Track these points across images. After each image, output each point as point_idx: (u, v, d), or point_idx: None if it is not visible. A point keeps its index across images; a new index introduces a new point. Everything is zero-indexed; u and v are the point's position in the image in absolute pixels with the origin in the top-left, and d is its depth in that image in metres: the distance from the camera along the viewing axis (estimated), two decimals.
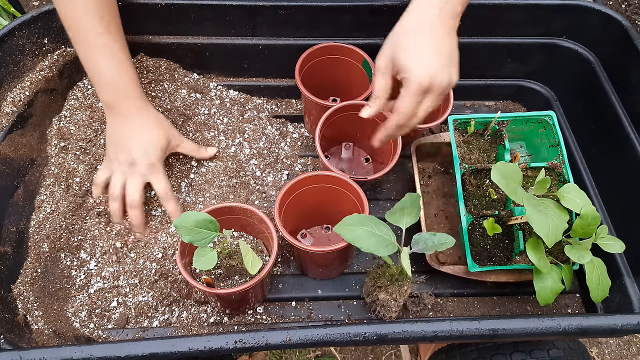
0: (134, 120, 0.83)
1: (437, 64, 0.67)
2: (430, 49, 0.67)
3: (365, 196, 0.78)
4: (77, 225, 0.87)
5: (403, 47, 0.68)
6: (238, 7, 0.94)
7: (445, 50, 0.68)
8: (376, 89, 0.71)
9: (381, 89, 0.71)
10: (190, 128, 0.97)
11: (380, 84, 0.71)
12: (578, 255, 0.71)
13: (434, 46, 0.67)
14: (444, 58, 0.68)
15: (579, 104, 1.02)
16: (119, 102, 0.82)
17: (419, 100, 0.68)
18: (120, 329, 0.80)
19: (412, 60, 0.67)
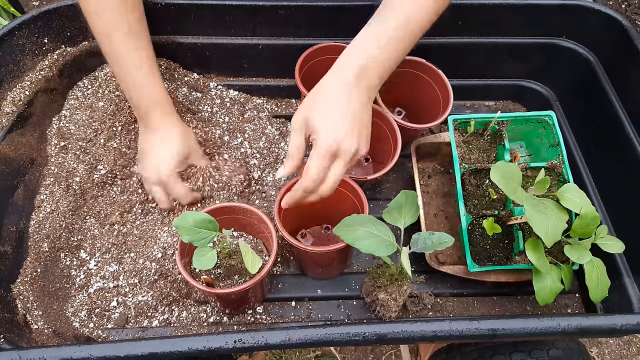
0: (155, 135, 0.84)
1: (345, 130, 0.65)
2: (341, 114, 0.66)
3: (365, 196, 0.78)
4: (77, 225, 0.87)
5: (316, 109, 0.67)
6: (238, 7, 0.94)
7: (356, 119, 0.66)
8: (290, 148, 0.70)
9: (295, 148, 0.69)
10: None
11: (294, 143, 0.69)
12: (577, 255, 0.71)
13: (345, 112, 0.66)
14: (354, 126, 0.66)
15: (579, 104, 1.02)
16: (145, 115, 0.84)
17: (327, 165, 0.66)
18: (120, 328, 0.80)
19: (322, 122, 0.66)
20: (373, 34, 0.70)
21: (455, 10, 0.97)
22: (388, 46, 0.69)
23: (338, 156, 0.66)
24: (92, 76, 0.99)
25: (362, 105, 0.67)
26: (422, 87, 0.97)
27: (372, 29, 0.70)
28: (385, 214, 0.74)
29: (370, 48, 0.69)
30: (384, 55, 0.69)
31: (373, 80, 0.69)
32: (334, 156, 0.66)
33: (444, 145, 0.97)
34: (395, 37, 0.69)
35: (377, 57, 0.68)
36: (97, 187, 0.90)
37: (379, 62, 0.69)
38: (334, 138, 0.65)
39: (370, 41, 0.69)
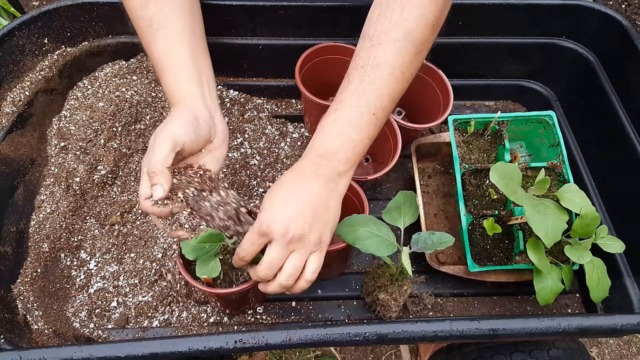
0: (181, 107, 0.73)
1: (282, 212, 0.61)
2: (287, 196, 0.62)
3: (366, 196, 0.78)
4: (77, 225, 0.87)
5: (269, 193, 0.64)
6: (238, 7, 0.94)
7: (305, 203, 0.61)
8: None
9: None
10: None
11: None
12: (578, 255, 0.71)
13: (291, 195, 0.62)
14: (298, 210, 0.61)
15: (579, 104, 1.02)
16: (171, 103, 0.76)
17: (255, 242, 0.62)
18: (120, 329, 0.80)
19: (267, 203, 0.63)
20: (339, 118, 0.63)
21: (455, 10, 0.97)
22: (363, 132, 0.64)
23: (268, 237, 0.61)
24: (92, 76, 0.99)
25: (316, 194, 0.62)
26: (422, 87, 0.97)
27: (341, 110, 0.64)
28: (384, 214, 0.74)
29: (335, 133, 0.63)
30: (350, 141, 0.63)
31: (336, 168, 0.63)
32: (263, 235, 0.61)
33: (444, 145, 0.97)
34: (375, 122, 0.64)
35: (341, 145, 0.63)
36: (97, 188, 0.90)
37: (345, 148, 0.63)
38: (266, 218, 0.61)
39: (337, 126, 0.63)
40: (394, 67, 0.63)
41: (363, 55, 0.65)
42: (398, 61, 0.63)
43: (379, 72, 0.63)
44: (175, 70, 0.73)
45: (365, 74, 0.64)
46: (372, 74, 0.63)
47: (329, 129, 0.64)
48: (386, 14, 0.64)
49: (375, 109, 0.64)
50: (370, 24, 0.66)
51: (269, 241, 0.62)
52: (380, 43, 0.64)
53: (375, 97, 0.63)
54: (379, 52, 0.64)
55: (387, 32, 0.64)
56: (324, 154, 0.63)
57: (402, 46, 0.63)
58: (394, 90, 0.64)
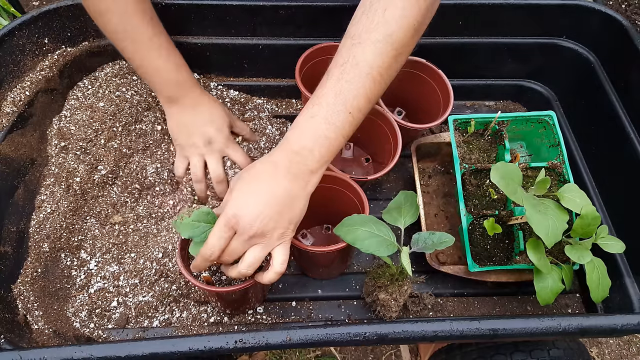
0: (198, 108, 0.87)
1: (250, 207, 0.61)
2: (256, 190, 0.63)
3: (366, 196, 0.78)
4: (77, 225, 0.87)
5: (237, 183, 0.65)
6: (238, 7, 0.94)
7: (272, 199, 0.62)
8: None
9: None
10: None
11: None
12: (578, 255, 0.71)
13: (260, 190, 0.63)
14: (265, 206, 0.62)
15: (579, 104, 1.02)
16: (181, 95, 0.86)
17: (223, 235, 0.63)
18: (121, 329, 0.80)
19: (234, 193, 0.64)
20: (315, 115, 0.64)
21: (455, 10, 0.97)
22: (338, 130, 0.64)
23: (236, 229, 0.62)
24: (92, 76, 0.99)
25: (284, 190, 0.63)
26: (423, 87, 0.97)
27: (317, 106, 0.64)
28: (384, 214, 0.74)
29: (311, 131, 0.64)
30: (325, 139, 0.64)
31: (309, 165, 0.64)
32: (232, 229, 0.62)
33: (444, 145, 0.97)
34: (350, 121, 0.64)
35: (316, 142, 0.63)
36: (98, 188, 0.90)
37: (319, 146, 0.64)
38: (233, 211, 0.62)
39: (313, 123, 0.64)
40: (372, 67, 0.63)
41: (344, 54, 0.65)
42: (377, 62, 0.64)
43: (358, 72, 0.63)
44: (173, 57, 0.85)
45: (344, 72, 0.64)
46: (351, 73, 0.64)
47: (305, 125, 0.64)
48: (369, 14, 0.64)
49: (351, 108, 0.64)
50: (353, 23, 0.67)
51: (234, 232, 0.63)
52: (360, 43, 0.64)
53: (352, 97, 0.63)
54: (359, 51, 0.64)
55: (368, 32, 0.64)
56: (298, 150, 0.63)
57: (382, 47, 0.63)
58: (371, 91, 0.64)
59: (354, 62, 0.64)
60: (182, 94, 0.86)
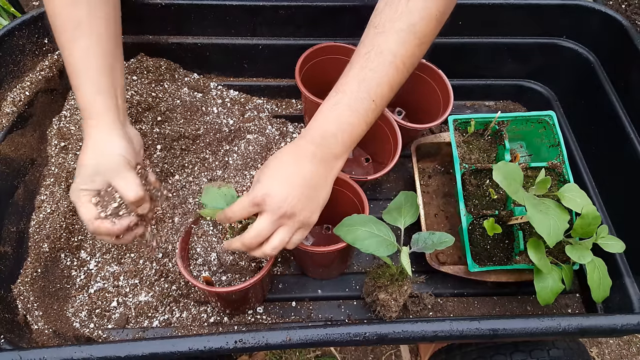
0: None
1: (280, 188, 0.62)
2: (285, 172, 0.64)
3: (365, 196, 0.78)
4: (77, 225, 0.87)
5: (266, 165, 0.66)
6: (238, 7, 0.94)
7: (301, 182, 0.63)
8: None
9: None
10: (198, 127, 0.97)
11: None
12: (579, 255, 0.71)
13: (289, 172, 0.63)
14: (294, 188, 0.62)
15: (579, 104, 1.02)
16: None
17: (248, 211, 0.64)
18: (120, 329, 0.80)
19: (264, 175, 0.64)
20: (340, 102, 0.65)
21: (455, 10, 0.97)
22: (353, 117, 0.65)
23: (262, 208, 0.63)
24: None
25: (312, 173, 0.64)
26: (423, 87, 0.97)
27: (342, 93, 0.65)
28: (385, 215, 0.74)
29: (335, 116, 0.65)
30: (349, 125, 0.65)
31: (334, 150, 0.65)
32: (257, 205, 0.63)
33: (444, 145, 0.97)
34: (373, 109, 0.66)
35: (340, 128, 0.65)
36: None
37: (344, 132, 0.65)
38: (262, 191, 0.62)
39: (337, 110, 0.65)
40: (396, 56, 0.65)
41: (367, 43, 0.66)
42: (400, 51, 0.65)
43: (381, 60, 0.65)
44: (94, 79, 0.70)
45: (368, 60, 0.65)
46: (374, 61, 0.65)
47: (328, 112, 0.66)
48: (392, 4, 0.66)
49: (375, 96, 0.65)
50: (376, 14, 0.68)
51: (260, 212, 0.63)
52: (384, 32, 0.65)
53: (375, 84, 0.65)
54: (382, 40, 0.65)
55: (391, 21, 0.65)
56: (322, 135, 0.65)
57: (405, 37, 0.65)
58: (394, 79, 0.66)
59: (377, 50, 0.65)
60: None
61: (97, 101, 0.70)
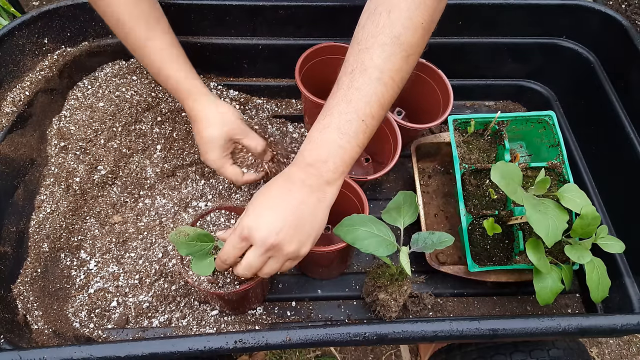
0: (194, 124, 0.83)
1: (266, 221, 0.60)
2: (272, 204, 0.62)
3: (365, 196, 0.78)
4: (77, 225, 0.87)
5: (254, 198, 0.64)
6: (238, 7, 0.94)
7: (289, 213, 0.61)
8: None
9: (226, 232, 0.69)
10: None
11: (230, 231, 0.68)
12: (578, 255, 0.71)
13: (276, 204, 0.62)
14: (281, 220, 0.60)
15: (579, 104, 1.02)
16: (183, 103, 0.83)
17: (238, 247, 0.62)
18: (120, 329, 0.80)
19: (251, 207, 0.63)
20: (327, 126, 0.63)
21: (455, 10, 0.97)
22: (352, 139, 0.62)
23: (250, 241, 0.61)
24: (92, 76, 0.99)
25: (301, 203, 0.61)
26: (422, 87, 0.97)
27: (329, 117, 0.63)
28: (384, 215, 0.74)
29: (324, 142, 0.63)
30: (340, 148, 0.62)
31: (325, 176, 0.62)
32: (244, 239, 0.61)
33: (444, 145, 0.97)
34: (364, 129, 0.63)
35: (329, 153, 0.62)
36: (97, 188, 0.90)
37: (334, 157, 0.62)
38: (248, 223, 0.61)
39: (326, 135, 0.63)
40: (383, 72, 0.62)
41: (352, 61, 0.64)
42: (387, 66, 0.62)
43: (367, 78, 0.62)
44: (184, 66, 0.83)
45: (353, 79, 0.62)
46: (360, 80, 0.62)
47: (317, 137, 0.63)
48: (373, 18, 0.63)
49: (364, 116, 0.62)
50: (358, 29, 0.65)
51: (249, 245, 0.62)
52: (368, 48, 0.62)
53: (364, 104, 0.62)
54: (367, 57, 0.62)
55: (374, 36, 0.62)
56: (312, 162, 0.62)
57: (390, 50, 0.62)
58: (383, 96, 0.63)
59: (362, 68, 0.62)
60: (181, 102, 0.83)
61: (196, 84, 0.82)
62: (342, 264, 0.88)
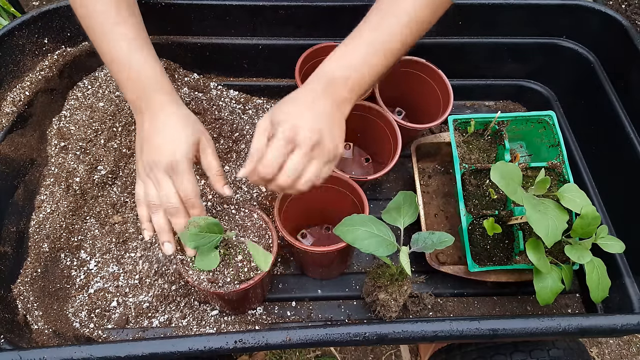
0: (156, 121, 0.72)
1: (306, 120, 0.63)
2: (304, 107, 0.65)
3: (365, 196, 0.78)
4: (77, 225, 0.87)
5: (280, 107, 0.66)
6: (238, 7, 0.94)
7: (322, 116, 0.65)
8: (252, 149, 0.65)
9: (255, 149, 0.64)
10: None
11: (257, 144, 0.65)
12: (578, 255, 0.71)
13: (308, 107, 0.65)
14: (318, 120, 0.64)
15: (579, 104, 1.02)
16: (141, 101, 0.73)
17: (283, 152, 0.63)
18: (120, 329, 0.80)
19: (283, 114, 0.64)
20: (351, 50, 0.69)
21: (455, 10, 0.97)
22: (364, 66, 0.69)
23: (295, 143, 0.62)
24: (92, 76, 0.99)
25: (328, 110, 0.66)
26: (422, 87, 0.97)
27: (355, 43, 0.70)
28: (384, 215, 0.74)
29: (346, 63, 0.69)
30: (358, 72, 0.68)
31: (342, 93, 0.67)
32: (290, 142, 0.62)
33: (444, 145, 0.97)
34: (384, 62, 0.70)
35: (350, 74, 0.68)
36: (98, 188, 0.90)
37: (353, 78, 0.68)
38: (292, 125, 0.62)
39: (348, 57, 0.69)
40: (410, 15, 0.69)
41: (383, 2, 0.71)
42: (416, 13, 0.69)
43: (396, 19, 0.69)
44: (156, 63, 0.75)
45: (383, 16, 0.70)
46: (388, 17, 0.69)
47: (340, 58, 0.69)
48: None
49: (385, 50, 0.69)
50: None
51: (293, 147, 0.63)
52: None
53: (388, 38, 0.69)
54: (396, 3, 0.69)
55: None
56: (332, 79, 0.67)
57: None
58: (406, 37, 0.70)
59: (391, 9, 0.69)
60: (142, 99, 0.73)
61: (165, 81, 0.75)
62: (342, 264, 0.88)
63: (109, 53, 0.74)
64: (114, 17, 0.73)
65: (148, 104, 0.72)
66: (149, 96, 0.72)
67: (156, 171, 0.70)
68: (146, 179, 0.71)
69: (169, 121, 0.71)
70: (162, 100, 0.73)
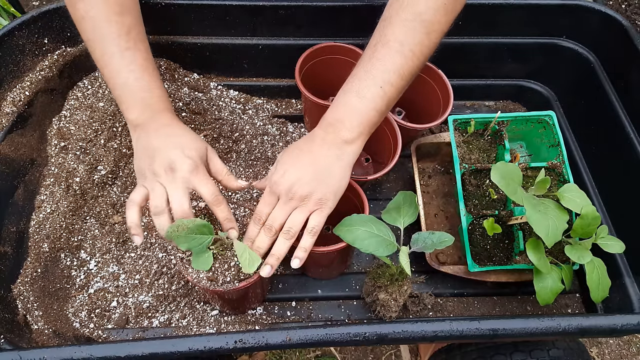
0: (165, 130, 0.73)
1: (290, 174, 0.68)
2: (293, 160, 0.69)
3: (365, 196, 0.78)
4: (77, 225, 0.87)
5: (279, 158, 0.72)
6: (238, 7, 0.94)
7: (311, 166, 0.68)
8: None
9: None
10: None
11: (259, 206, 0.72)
12: (578, 255, 0.71)
13: (298, 159, 0.69)
14: (305, 173, 0.67)
15: (579, 104, 1.02)
16: (148, 117, 0.74)
17: (268, 201, 0.70)
18: (120, 329, 0.80)
19: (276, 164, 0.71)
20: (356, 88, 0.69)
21: None
22: (369, 103, 0.69)
23: (277, 194, 0.69)
24: (92, 76, 0.99)
25: (324, 157, 0.68)
26: (423, 87, 0.97)
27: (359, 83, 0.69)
28: (384, 215, 0.74)
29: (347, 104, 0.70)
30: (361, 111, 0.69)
31: (345, 135, 0.69)
32: (272, 192, 0.69)
33: (444, 145, 0.97)
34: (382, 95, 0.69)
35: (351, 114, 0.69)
36: (98, 188, 0.90)
37: (354, 117, 0.69)
38: (277, 177, 0.68)
39: (350, 95, 0.70)
40: (403, 44, 0.68)
41: (376, 35, 0.71)
42: (407, 40, 0.68)
43: (388, 49, 0.68)
44: (159, 83, 0.77)
45: (375, 51, 0.69)
46: (381, 51, 0.69)
47: (338, 100, 0.71)
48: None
49: (382, 83, 0.68)
50: (386, 9, 0.72)
51: (277, 200, 0.69)
52: (391, 23, 0.69)
53: (382, 71, 0.68)
54: (389, 31, 0.69)
55: (397, 13, 0.69)
56: (331, 122, 0.69)
57: (411, 25, 0.68)
58: (402, 67, 0.68)
59: (384, 41, 0.69)
60: (149, 116, 0.74)
61: (166, 100, 0.78)
62: (342, 264, 0.88)
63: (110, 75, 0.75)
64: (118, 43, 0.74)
65: (158, 117, 0.75)
66: (160, 112, 0.75)
67: (172, 176, 0.69)
68: (154, 185, 0.69)
69: (182, 131, 0.75)
70: (171, 117, 0.77)
